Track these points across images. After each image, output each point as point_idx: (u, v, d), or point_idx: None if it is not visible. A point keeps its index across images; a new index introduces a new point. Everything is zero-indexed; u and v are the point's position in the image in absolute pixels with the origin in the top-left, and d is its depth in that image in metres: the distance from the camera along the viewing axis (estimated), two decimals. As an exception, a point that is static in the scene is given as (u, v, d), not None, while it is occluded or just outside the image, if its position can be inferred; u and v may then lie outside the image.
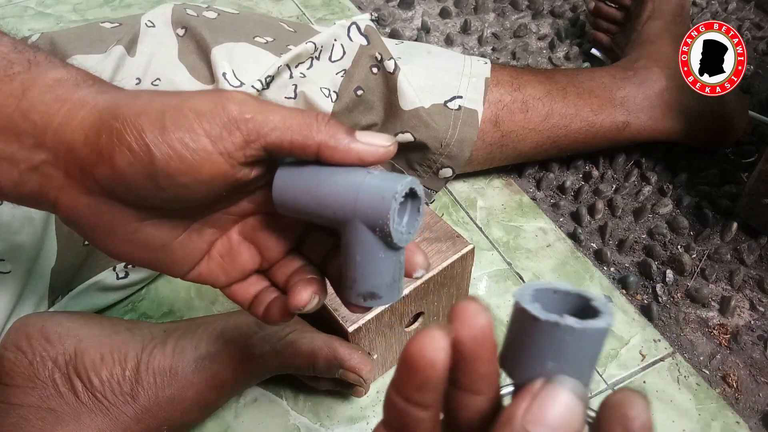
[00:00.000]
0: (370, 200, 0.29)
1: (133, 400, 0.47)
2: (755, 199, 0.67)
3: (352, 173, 0.30)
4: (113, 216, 0.31)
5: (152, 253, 0.33)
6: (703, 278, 0.66)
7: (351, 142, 0.30)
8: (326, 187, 0.30)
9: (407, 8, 1.00)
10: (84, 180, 0.30)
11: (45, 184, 0.31)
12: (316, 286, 0.34)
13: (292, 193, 0.31)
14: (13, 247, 0.49)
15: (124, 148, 0.29)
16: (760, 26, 0.97)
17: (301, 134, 0.30)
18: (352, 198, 0.29)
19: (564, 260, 0.68)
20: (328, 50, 0.63)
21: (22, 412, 0.46)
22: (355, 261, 0.31)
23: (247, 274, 0.37)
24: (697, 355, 0.61)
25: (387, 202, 0.29)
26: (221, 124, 0.29)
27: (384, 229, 0.29)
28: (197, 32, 0.60)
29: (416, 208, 0.32)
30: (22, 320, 0.50)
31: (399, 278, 0.32)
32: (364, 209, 0.29)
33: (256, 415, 0.56)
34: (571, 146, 0.72)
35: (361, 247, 0.30)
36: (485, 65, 0.69)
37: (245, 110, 0.30)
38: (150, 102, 0.30)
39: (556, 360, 0.22)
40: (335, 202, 0.30)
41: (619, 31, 0.87)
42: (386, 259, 0.31)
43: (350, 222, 0.30)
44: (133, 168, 0.29)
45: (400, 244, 0.30)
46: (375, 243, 0.30)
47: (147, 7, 1.00)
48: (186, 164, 0.29)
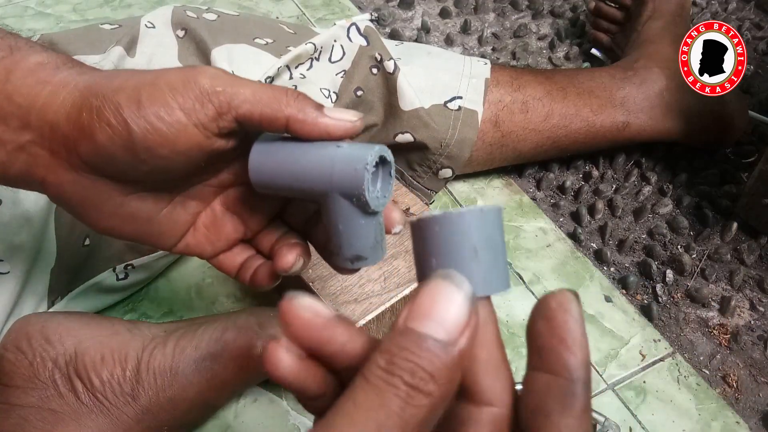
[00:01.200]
0: (344, 172, 0.31)
1: (133, 400, 0.47)
2: (755, 199, 0.67)
3: (324, 148, 0.32)
4: (98, 191, 0.33)
5: (139, 226, 0.35)
6: (703, 278, 0.66)
7: (319, 116, 0.32)
8: (300, 164, 0.32)
9: (407, 8, 1.00)
10: (68, 157, 0.32)
11: (32, 163, 0.32)
12: (300, 249, 0.37)
13: (268, 173, 0.33)
14: (13, 247, 0.50)
15: (103, 124, 0.30)
16: (760, 26, 0.97)
17: (270, 107, 0.31)
18: (328, 172, 0.31)
19: (564, 260, 0.68)
20: (327, 51, 0.63)
21: (23, 413, 0.46)
22: (338, 230, 0.33)
23: (232, 244, 0.39)
24: (697, 355, 0.61)
25: (360, 173, 0.31)
26: (194, 97, 0.31)
27: (361, 199, 0.31)
28: (197, 34, 0.60)
29: (388, 173, 0.34)
30: (22, 320, 0.50)
31: (381, 239, 0.35)
32: (339, 182, 0.31)
33: (256, 415, 0.56)
34: (571, 146, 0.72)
35: (342, 216, 0.32)
36: (485, 66, 0.69)
37: (216, 83, 0.31)
38: (127, 80, 0.31)
39: (436, 256, 0.23)
40: (311, 178, 0.32)
41: (619, 31, 0.87)
42: (366, 224, 0.33)
43: (328, 195, 0.32)
44: (113, 142, 0.31)
45: (378, 209, 0.32)
46: (354, 211, 0.32)
47: (147, 7, 1.00)
48: (162, 136, 0.31)
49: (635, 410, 0.56)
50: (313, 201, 0.34)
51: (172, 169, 0.32)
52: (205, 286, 0.64)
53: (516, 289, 0.65)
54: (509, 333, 0.61)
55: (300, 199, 0.37)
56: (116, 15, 0.99)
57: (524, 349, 0.62)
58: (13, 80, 0.31)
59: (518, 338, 0.61)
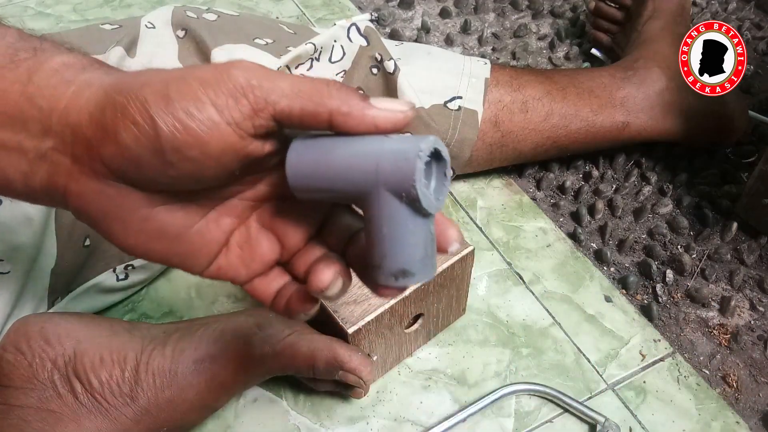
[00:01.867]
0: (393, 164, 0.27)
1: (132, 401, 0.47)
2: (755, 199, 0.67)
3: (370, 141, 0.28)
4: (123, 201, 0.30)
5: (168, 243, 0.32)
6: (703, 278, 0.66)
7: (366, 107, 0.28)
8: (343, 158, 0.28)
9: (407, 8, 1.00)
10: (91, 163, 0.29)
11: (53, 172, 0.30)
12: (338, 267, 0.32)
13: (307, 170, 0.29)
14: (13, 247, 0.49)
15: (128, 122, 0.28)
16: (760, 26, 0.97)
17: (311, 101, 0.28)
18: (373, 164, 0.27)
19: (564, 260, 0.68)
20: (327, 51, 0.63)
21: (22, 414, 0.46)
22: (382, 235, 0.28)
23: (267, 266, 0.35)
24: (697, 355, 0.61)
25: (411, 162, 0.26)
26: (227, 92, 0.28)
27: (411, 193, 0.27)
28: (197, 34, 0.60)
29: (442, 172, 0.29)
30: (22, 321, 0.50)
31: (432, 252, 0.30)
32: (387, 175, 0.27)
33: (256, 415, 0.56)
34: (571, 146, 0.72)
35: (389, 218, 0.28)
36: (485, 66, 0.69)
37: (252, 77, 0.28)
38: (154, 75, 0.29)
39: None
40: (355, 173, 0.28)
41: (619, 31, 0.87)
42: (416, 229, 0.28)
43: (373, 192, 0.28)
44: (138, 143, 0.28)
45: (430, 210, 0.28)
46: (403, 211, 0.28)
47: (147, 7, 1.00)
48: (192, 136, 0.28)
49: (635, 410, 0.56)
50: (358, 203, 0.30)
51: (203, 175, 0.29)
52: (205, 286, 0.64)
53: (516, 289, 0.65)
54: (509, 333, 0.61)
55: (342, 207, 0.34)
56: (116, 15, 0.99)
57: (524, 349, 0.63)
58: (36, 81, 0.30)
59: (518, 338, 0.61)
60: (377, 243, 0.29)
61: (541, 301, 0.64)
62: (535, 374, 0.59)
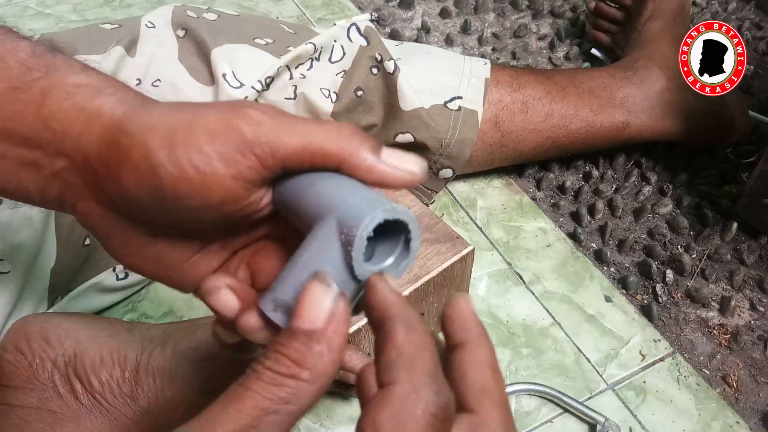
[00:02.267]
0: (347, 219, 0.27)
1: (132, 401, 0.47)
2: (755, 199, 0.67)
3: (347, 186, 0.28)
4: (125, 229, 0.31)
5: (163, 269, 0.32)
6: (703, 278, 0.66)
7: (375, 162, 0.28)
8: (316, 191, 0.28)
9: (407, 8, 1.00)
10: (97, 192, 0.30)
11: (66, 189, 0.31)
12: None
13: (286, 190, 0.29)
14: (13, 247, 0.49)
15: (130, 166, 0.28)
16: (760, 26, 0.97)
17: (321, 152, 0.28)
18: (333, 214, 0.27)
19: (564, 260, 0.68)
20: (327, 51, 0.63)
21: (22, 414, 0.46)
22: (299, 260, 0.28)
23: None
24: (697, 355, 0.61)
25: (356, 230, 0.26)
26: (234, 147, 0.27)
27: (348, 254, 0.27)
28: (197, 34, 0.60)
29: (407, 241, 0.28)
30: (22, 321, 0.50)
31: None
32: (341, 225, 0.27)
33: (256, 415, 0.55)
34: (571, 146, 0.72)
35: (318, 251, 0.27)
36: (485, 66, 0.69)
37: (260, 132, 0.27)
38: (163, 117, 0.28)
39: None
40: (314, 210, 0.28)
41: (619, 31, 0.87)
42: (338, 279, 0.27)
43: (323, 225, 0.27)
44: (139, 187, 0.28)
45: (359, 278, 0.27)
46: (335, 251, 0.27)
47: (147, 7, 1.00)
48: (194, 187, 0.27)
49: (635, 410, 0.56)
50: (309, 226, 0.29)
51: (203, 221, 0.29)
52: (204, 286, 0.64)
53: (516, 289, 0.65)
54: (509, 333, 0.61)
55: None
56: (116, 15, 0.99)
57: (524, 349, 0.63)
58: (49, 104, 0.29)
59: (518, 338, 0.61)
60: (288, 265, 0.28)
61: (541, 301, 0.64)
62: (535, 374, 0.59)
